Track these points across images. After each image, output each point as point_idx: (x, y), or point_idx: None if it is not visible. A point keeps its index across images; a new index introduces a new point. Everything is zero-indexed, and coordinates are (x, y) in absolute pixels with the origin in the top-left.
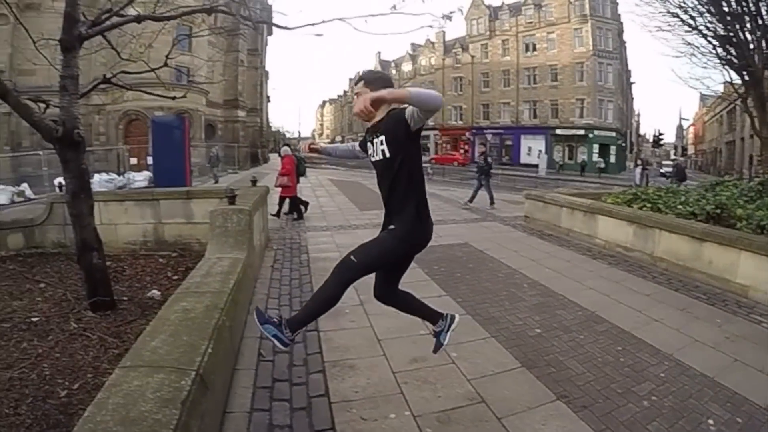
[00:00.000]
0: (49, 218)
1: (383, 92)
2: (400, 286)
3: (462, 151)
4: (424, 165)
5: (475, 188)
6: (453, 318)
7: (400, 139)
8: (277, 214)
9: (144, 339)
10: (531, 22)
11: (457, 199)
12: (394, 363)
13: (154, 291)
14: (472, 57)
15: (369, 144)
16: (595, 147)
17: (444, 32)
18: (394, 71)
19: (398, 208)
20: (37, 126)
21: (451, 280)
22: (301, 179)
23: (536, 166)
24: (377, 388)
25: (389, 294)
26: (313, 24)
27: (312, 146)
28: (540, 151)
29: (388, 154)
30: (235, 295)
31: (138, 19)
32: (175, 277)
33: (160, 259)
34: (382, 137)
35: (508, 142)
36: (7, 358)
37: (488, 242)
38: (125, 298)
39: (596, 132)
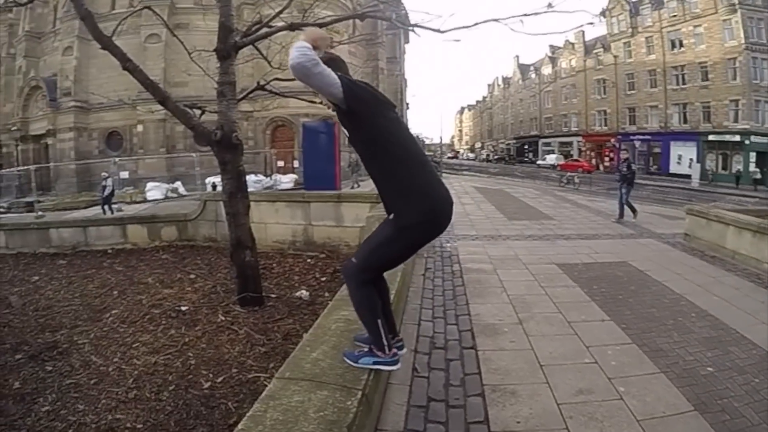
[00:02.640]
0: (202, 214)
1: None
2: None
3: (607, 159)
4: (570, 175)
5: (620, 199)
6: (396, 362)
7: (343, 119)
8: None
9: (304, 348)
10: (675, 16)
11: (607, 211)
12: (558, 393)
13: (303, 291)
14: (615, 57)
15: None
16: (752, 155)
17: (583, 32)
18: (533, 75)
19: (383, 193)
20: (195, 130)
21: (614, 303)
22: None
23: (687, 176)
24: (541, 420)
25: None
26: (466, 26)
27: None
28: (691, 159)
29: (349, 135)
30: (396, 306)
31: (291, 27)
32: (323, 279)
33: (308, 260)
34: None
35: (656, 150)
36: (154, 343)
37: (648, 262)
38: (273, 296)
39: (753, 138)
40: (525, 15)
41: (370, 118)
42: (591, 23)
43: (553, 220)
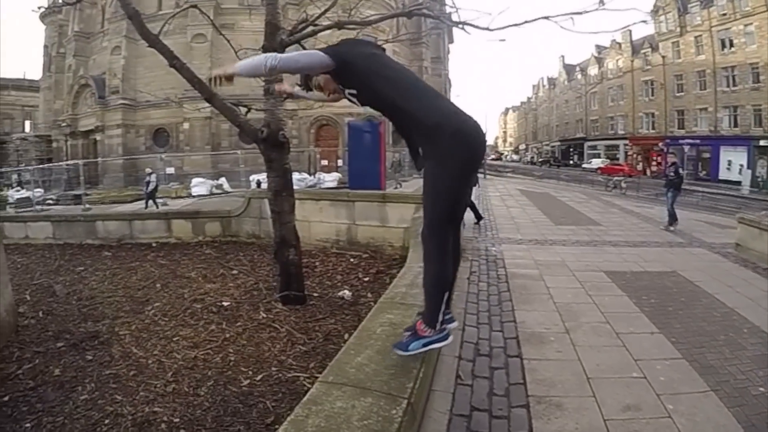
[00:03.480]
0: (246, 211)
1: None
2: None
3: (654, 163)
4: (617, 179)
5: (668, 206)
6: (447, 336)
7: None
8: None
9: (348, 352)
10: (724, 14)
11: (655, 218)
12: (605, 408)
13: (345, 291)
14: (663, 57)
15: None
16: None
17: (630, 31)
18: (579, 75)
19: (410, 138)
20: (241, 128)
21: (663, 316)
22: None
23: (737, 183)
24: None
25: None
26: (516, 24)
27: None
28: (741, 165)
29: (358, 102)
30: None
31: (338, 25)
32: (366, 279)
33: (351, 259)
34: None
35: (706, 155)
36: (195, 337)
37: (698, 272)
38: (315, 295)
39: None
40: (576, 13)
41: (365, 70)
42: (644, 21)
43: (600, 226)
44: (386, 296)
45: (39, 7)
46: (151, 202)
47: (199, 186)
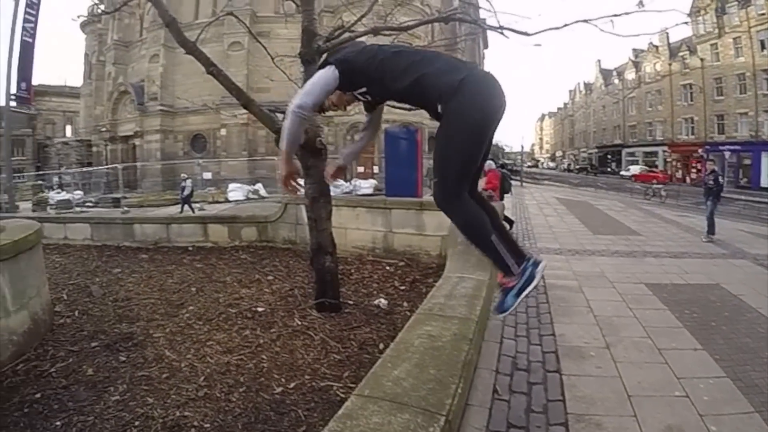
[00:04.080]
0: (282, 217)
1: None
2: None
3: (694, 170)
4: (656, 187)
5: (708, 215)
6: (536, 267)
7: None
8: None
9: (384, 365)
10: (763, 14)
11: (697, 228)
12: (645, 429)
13: (381, 299)
14: (701, 60)
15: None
16: None
17: (668, 34)
18: (616, 80)
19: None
20: (279, 134)
21: (706, 331)
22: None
23: None
24: None
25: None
26: (555, 28)
27: None
28: None
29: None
30: (481, 324)
31: (374, 31)
32: (402, 287)
33: (387, 267)
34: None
35: (747, 161)
36: (229, 342)
37: (742, 285)
38: (350, 302)
39: None
40: (615, 15)
41: (367, 61)
42: (686, 23)
43: (640, 236)
44: (424, 307)
45: (78, 16)
46: (186, 206)
47: (236, 191)
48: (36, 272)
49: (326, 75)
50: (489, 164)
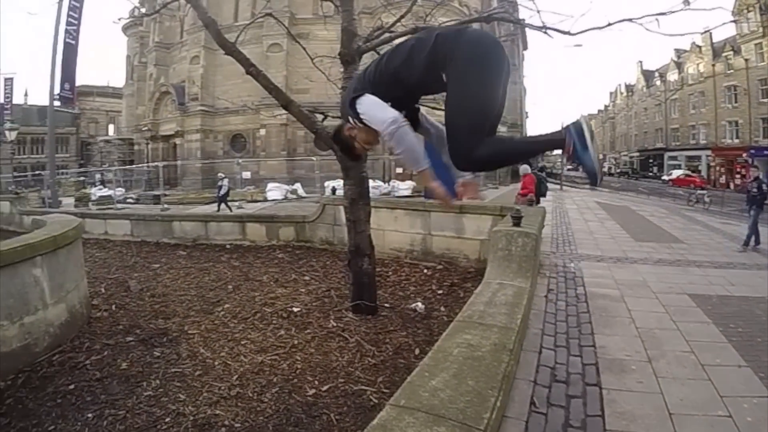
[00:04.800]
0: (320, 217)
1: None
2: None
3: (738, 176)
4: (700, 193)
5: (752, 224)
6: (578, 125)
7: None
8: None
9: (421, 374)
10: None
11: (741, 236)
12: None
13: (418, 303)
14: (746, 60)
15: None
16: None
17: (711, 33)
18: (658, 81)
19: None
20: (318, 134)
21: (751, 347)
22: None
23: None
24: None
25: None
26: (598, 27)
27: None
28: None
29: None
30: (521, 333)
31: (414, 31)
32: (440, 291)
33: (425, 270)
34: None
35: None
36: (263, 342)
37: None
38: (387, 305)
39: None
40: (660, 14)
41: (383, 71)
42: (734, 21)
43: (683, 244)
44: (463, 314)
45: (119, 18)
46: (223, 205)
47: (274, 190)
48: (75, 266)
49: (368, 98)
50: (524, 168)
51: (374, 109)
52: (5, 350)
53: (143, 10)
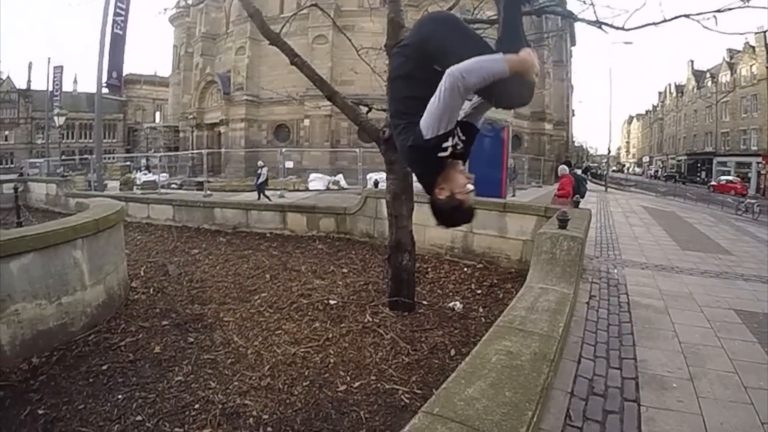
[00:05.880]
0: (361, 210)
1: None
2: None
3: None
4: (750, 202)
5: None
6: None
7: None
8: None
9: (458, 380)
10: None
11: None
12: None
13: (456, 302)
14: None
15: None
16: None
17: (765, 33)
18: (709, 83)
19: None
20: (362, 126)
21: None
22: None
23: None
24: None
25: None
26: (653, 23)
27: None
28: None
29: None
30: (563, 342)
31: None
32: (479, 291)
33: (465, 268)
34: None
35: None
36: (297, 333)
37: None
38: (425, 303)
39: None
40: (718, 11)
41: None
42: None
43: (731, 255)
44: (503, 319)
45: (165, 9)
46: (261, 194)
47: (316, 181)
48: (115, 249)
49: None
50: (563, 169)
51: (432, 107)
52: (42, 328)
53: (189, 1)
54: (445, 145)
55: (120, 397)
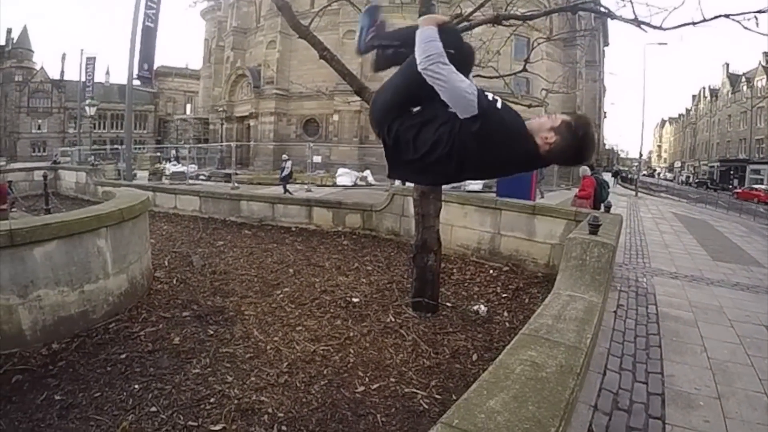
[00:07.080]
0: (388, 207)
1: None
2: None
3: None
4: None
5: None
6: None
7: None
8: None
9: (479, 391)
10: None
11: None
12: None
13: (481, 306)
14: None
15: None
16: None
17: None
18: (745, 87)
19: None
20: None
21: None
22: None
23: None
24: None
25: None
26: (692, 23)
27: None
28: None
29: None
30: (590, 354)
31: (496, 19)
32: (504, 295)
33: (491, 271)
34: None
35: None
36: (318, 330)
37: None
38: (448, 305)
39: None
40: (760, 11)
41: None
42: None
43: (764, 268)
44: (529, 327)
45: (195, 2)
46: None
47: (344, 176)
48: (139, 239)
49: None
50: (584, 170)
51: (449, 92)
52: (63, 314)
53: None
54: (489, 96)
55: (136, 386)
